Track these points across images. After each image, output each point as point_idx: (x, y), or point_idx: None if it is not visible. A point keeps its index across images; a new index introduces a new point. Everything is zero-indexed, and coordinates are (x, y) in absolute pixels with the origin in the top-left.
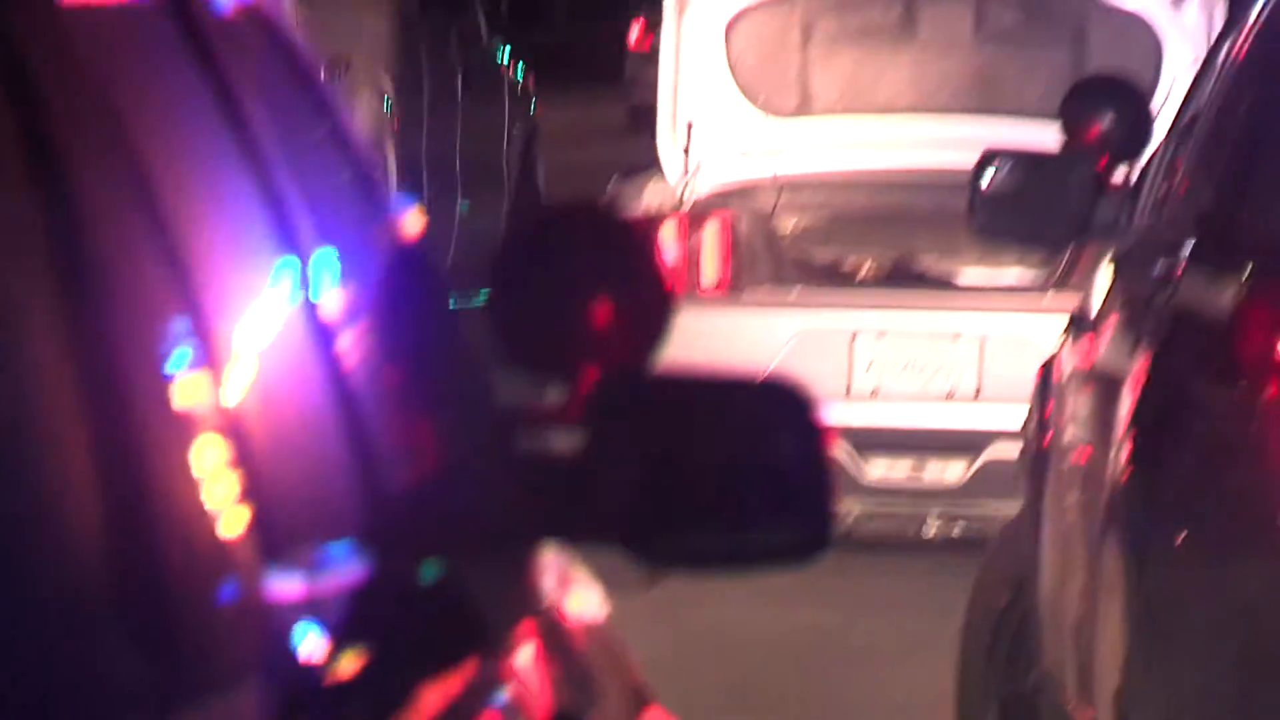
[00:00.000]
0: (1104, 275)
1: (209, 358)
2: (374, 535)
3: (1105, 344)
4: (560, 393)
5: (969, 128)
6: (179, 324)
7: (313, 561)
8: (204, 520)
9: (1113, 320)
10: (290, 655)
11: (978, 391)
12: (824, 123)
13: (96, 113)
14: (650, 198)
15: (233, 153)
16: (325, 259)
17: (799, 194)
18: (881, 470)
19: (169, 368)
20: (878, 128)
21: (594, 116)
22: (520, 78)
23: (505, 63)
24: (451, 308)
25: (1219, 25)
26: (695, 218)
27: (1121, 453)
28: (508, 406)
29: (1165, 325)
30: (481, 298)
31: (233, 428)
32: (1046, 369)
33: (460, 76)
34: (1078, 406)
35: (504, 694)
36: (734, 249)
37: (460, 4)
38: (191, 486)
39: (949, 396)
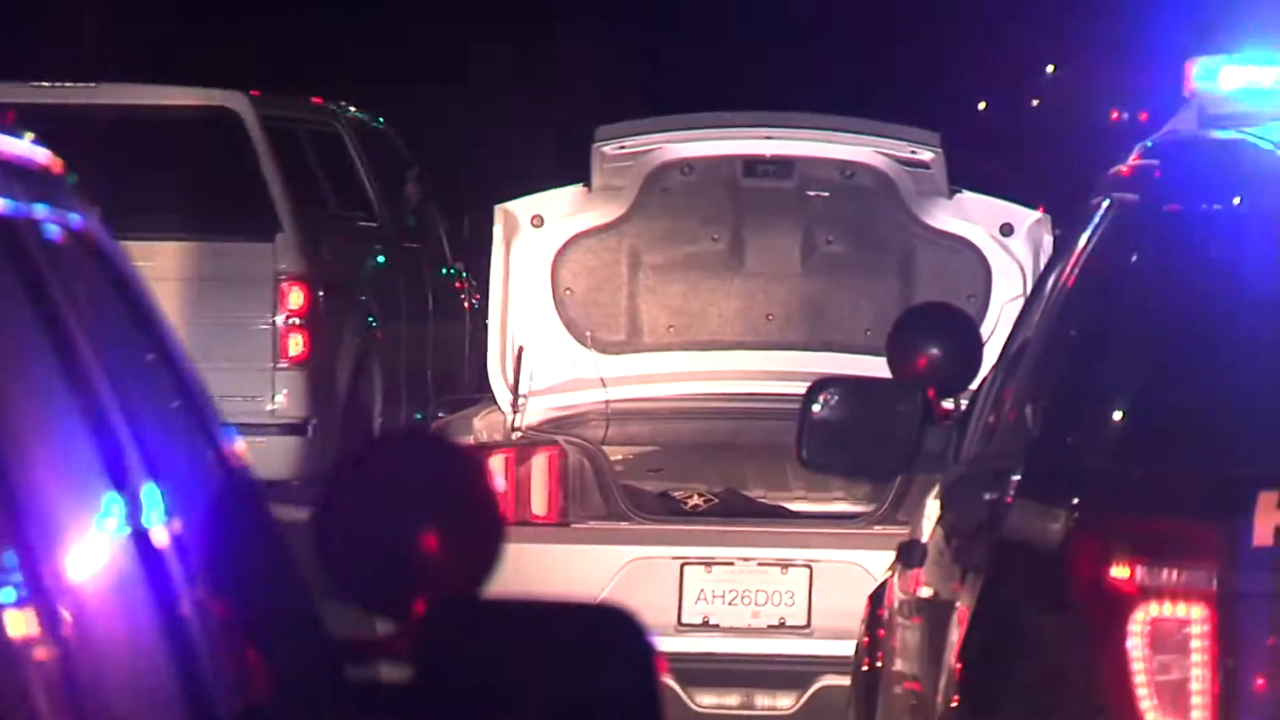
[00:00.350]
0: (932, 505)
1: (34, 591)
2: None
3: (934, 574)
4: (389, 623)
5: (798, 361)
6: (3, 556)
7: None
8: None
9: (941, 550)
10: None
11: (808, 621)
12: (652, 358)
13: None
14: (480, 425)
15: (61, 382)
16: (153, 488)
17: (628, 424)
18: (713, 700)
19: None
20: (706, 359)
21: None
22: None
23: (468, 281)
24: (278, 536)
25: (1047, 253)
26: (525, 447)
27: (951, 682)
28: (337, 636)
29: (994, 555)
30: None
31: (59, 661)
32: (875, 599)
33: (431, 297)
34: (907, 636)
35: None
36: (563, 479)
37: (427, 234)
38: None
39: (779, 626)
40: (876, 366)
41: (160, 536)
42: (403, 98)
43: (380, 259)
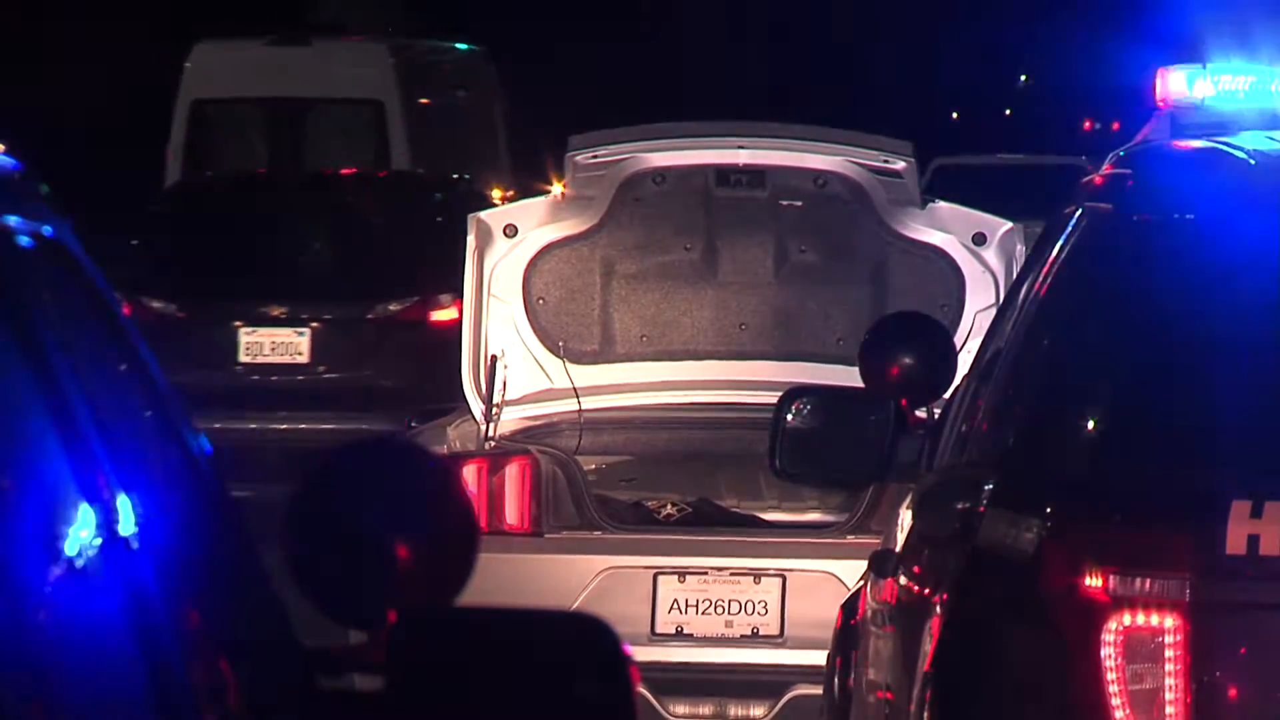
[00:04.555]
0: (905, 515)
1: (7, 602)
2: None
3: (907, 583)
4: (362, 633)
5: (770, 370)
6: None
7: None
8: None
9: (915, 560)
10: None
11: (781, 630)
12: (625, 367)
13: None
14: (453, 435)
15: (33, 392)
16: (126, 498)
17: (601, 433)
18: (686, 709)
19: None
20: (679, 369)
21: None
22: None
23: None
24: (252, 546)
25: (1020, 262)
26: (497, 457)
27: (924, 692)
28: (309, 646)
29: (967, 565)
30: None
31: (32, 672)
32: (848, 608)
33: None
34: (880, 646)
35: None
36: (536, 488)
37: None
38: None
39: (752, 635)
40: (849, 376)
41: (133, 547)
42: None
43: None
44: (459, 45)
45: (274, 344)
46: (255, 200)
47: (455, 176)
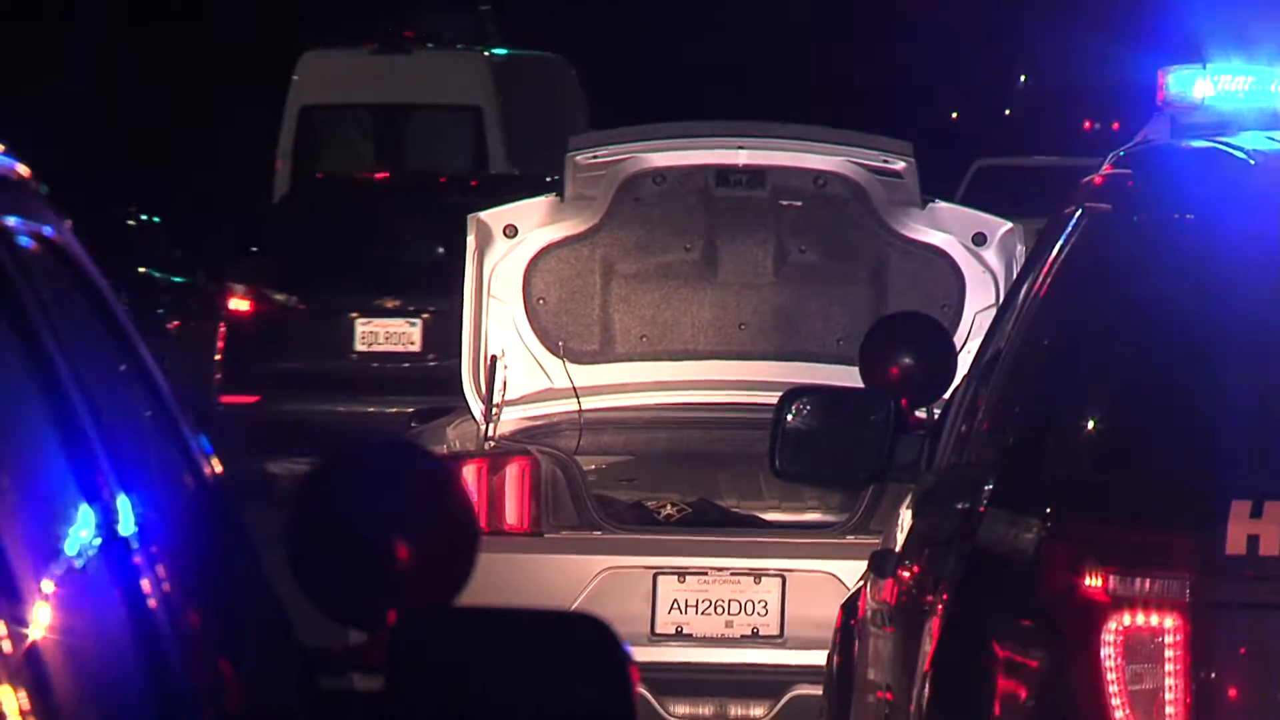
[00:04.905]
0: (906, 515)
1: (7, 603)
2: None
3: (907, 583)
4: (361, 633)
5: (770, 370)
6: None
7: None
8: None
9: (915, 560)
10: None
11: (781, 630)
12: (625, 367)
13: None
14: (453, 435)
15: (33, 392)
16: (126, 498)
17: (601, 433)
18: (686, 710)
19: None
20: (679, 369)
21: None
22: None
23: None
24: (251, 546)
25: (1020, 263)
26: (497, 457)
27: (924, 692)
28: (309, 647)
29: (967, 565)
30: None
31: (33, 673)
32: (848, 608)
33: None
34: (880, 646)
35: None
36: (536, 488)
37: None
38: None
39: (752, 635)
40: (849, 376)
41: (133, 547)
42: None
43: None
44: (544, 53)
45: (387, 333)
46: (367, 202)
47: (549, 179)
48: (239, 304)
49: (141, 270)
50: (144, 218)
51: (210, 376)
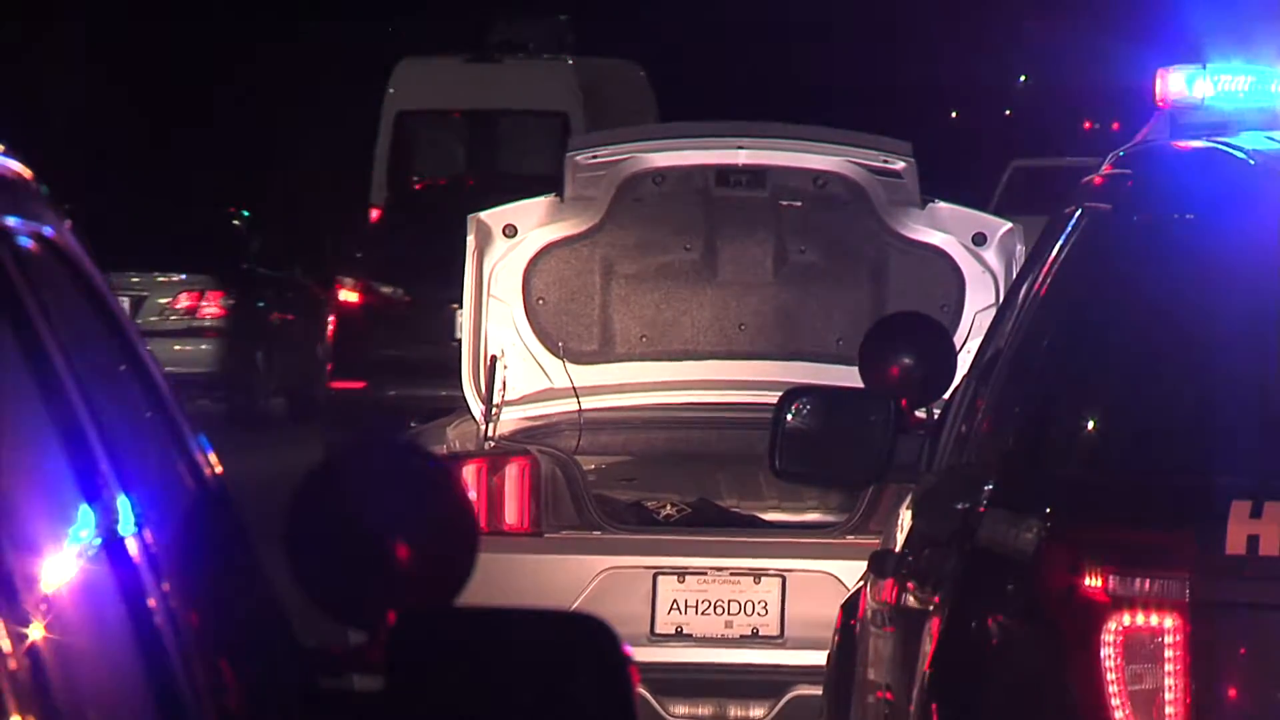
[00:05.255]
0: (906, 515)
1: (6, 603)
2: None
3: (907, 583)
4: (361, 633)
5: (770, 370)
6: None
7: None
8: None
9: (914, 560)
10: None
11: (781, 631)
12: (625, 367)
13: None
14: (453, 435)
15: (33, 392)
16: (126, 499)
17: (601, 433)
18: (686, 710)
19: None
20: (679, 369)
21: None
22: None
23: None
24: (251, 546)
25: (1020, 263)
26: (497, 457)
27: (923, 692)
28: (309, 646)
29: (967, 565)
30: None
31: (32, 674)
32: (848, 608)
33: None
34: (880, 646)
35: None
36: (536, 488)
37: None
38: None
39: (752, 636)
40: (849, 376)
41: (133, 547)
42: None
43: None
44: (618, 59)
45: None
46: (464, 202)
47: None
48: (348, 296)
49: (244, 267)
50: (244, 214)
51: (317, 365)
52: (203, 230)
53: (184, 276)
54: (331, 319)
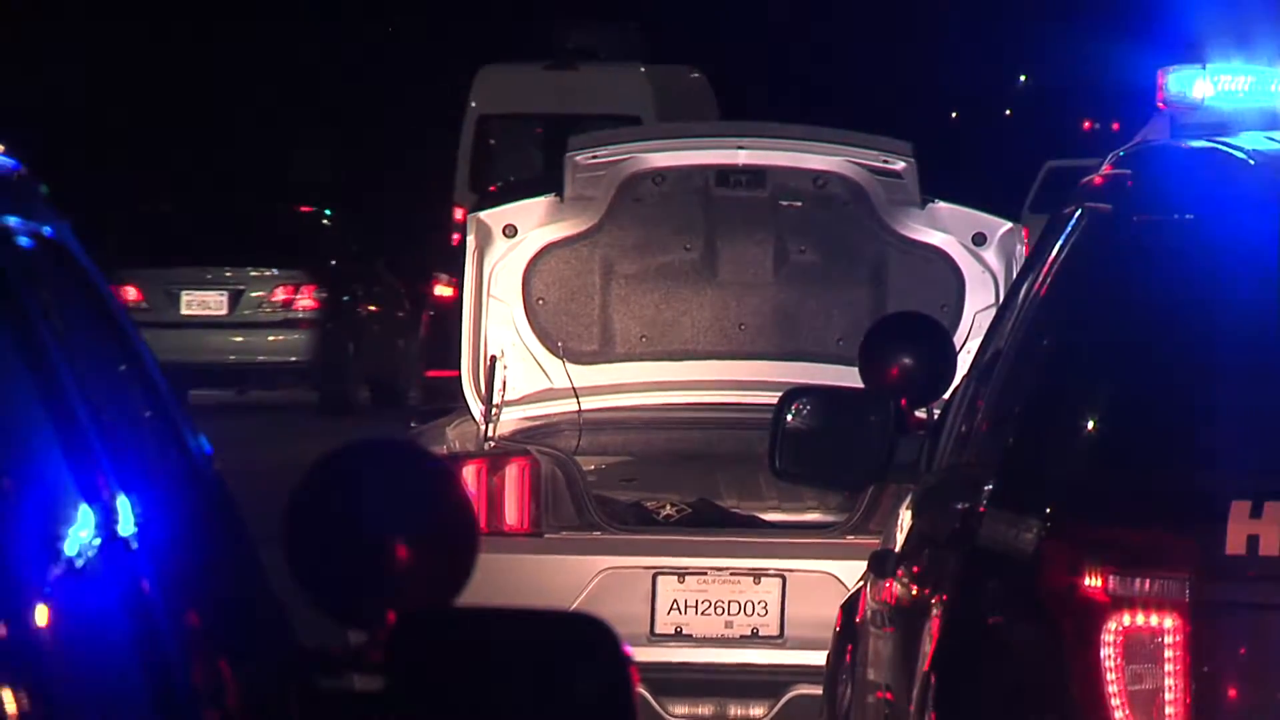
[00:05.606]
0: (906, 515)
1: (7, 602)
2: None
3: (907, 584)
4: (361, 633)
5: (770, 371)
6: None
7: None
8: None
9: (915, 560)
10: None
11: (781, 631)
12: (624, 367)
13: None
14: (453, 435)
15: (33, 392)
16: (126, 498)
17: (601, 434)
18: (686, 710)
19: None
20: (679, 369)
21: None
22: None
23: None
24: (251, 546)
25: (1020, 262)
26: (497, 457)
27: (924, 692)
28: (309, 647)
29: (967, 565)
30: None
31: (32, 672)
32: (848, 608)
33: None
34: (879, 646)
35: None
36: (535, 489)
37: None
38: None
39: (752, 636)
40: (849, 376)
41: (133, 547)
42: None
43: None
44: (684, 66)
45: None
46: None
47: None
48: (442, 291)
49: (334, 262)
50: (328, 213)
51: (400, 355)
52: (295, 228)
53: (277, 271)
54: (426, 312)
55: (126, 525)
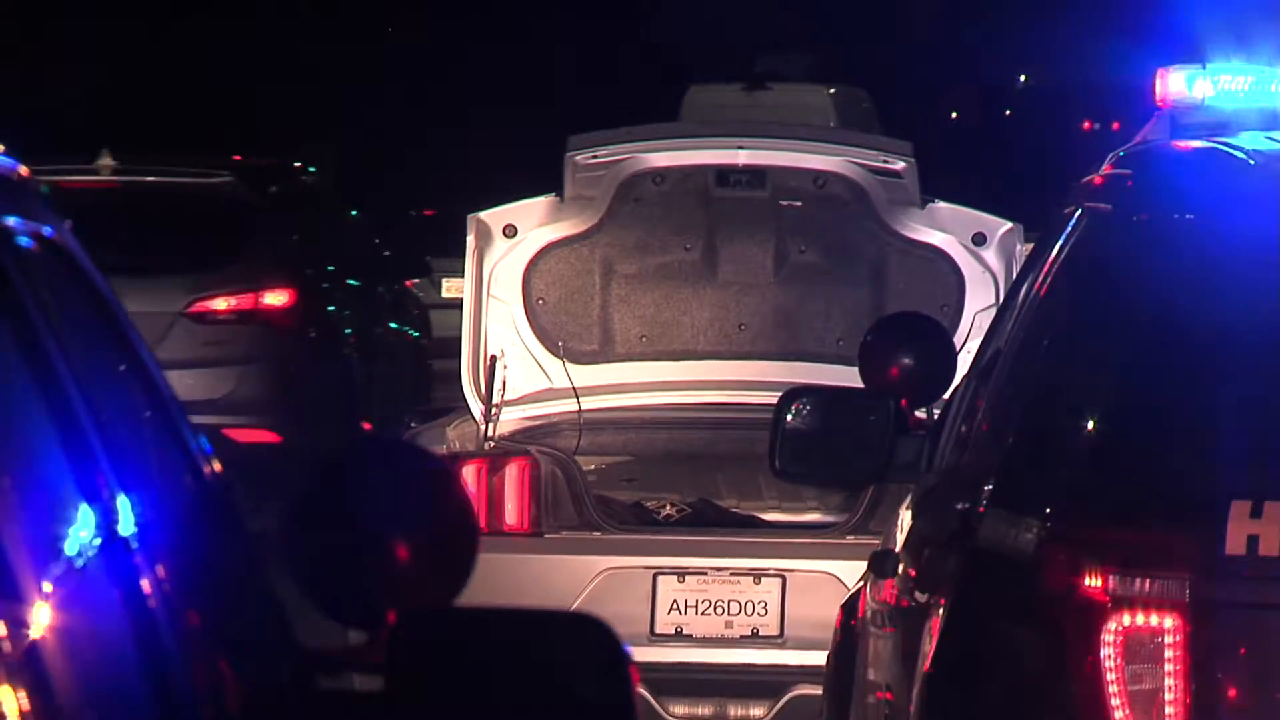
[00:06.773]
0: (906, 515)
1: (7, 603)
2: None
3: (907, 584)
4: (361, 634)
5: (770, 371)
6: None
7: None
8: None
9: (914, 560)
10: None
11: (781, 631)
12: (624, 367)
13: None
14: (453, 435)
15: (33, 392)
16: (126, 498)
17: (601, 433)
18: (686, 710)
19: None
20: (679, 369)
21: None
22: None
23: None
24: (251, 546)
25: (1020, 262)
26: (497, 457)
27: (923, 692)
28: (309, 647)
29: (967, 565)
30: None
31: (32, 673)
32: (848, 608)
33: None
34: (880, 646)
35: None
36: (535, 489)
37: None
38: None
39: (752, 636)
40: (849, 376)
41: (133, 547)
42: None
43: None
44: (854, 86)
45: None
46: None
47: None
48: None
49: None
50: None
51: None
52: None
53: None
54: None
55: (126, 525)
